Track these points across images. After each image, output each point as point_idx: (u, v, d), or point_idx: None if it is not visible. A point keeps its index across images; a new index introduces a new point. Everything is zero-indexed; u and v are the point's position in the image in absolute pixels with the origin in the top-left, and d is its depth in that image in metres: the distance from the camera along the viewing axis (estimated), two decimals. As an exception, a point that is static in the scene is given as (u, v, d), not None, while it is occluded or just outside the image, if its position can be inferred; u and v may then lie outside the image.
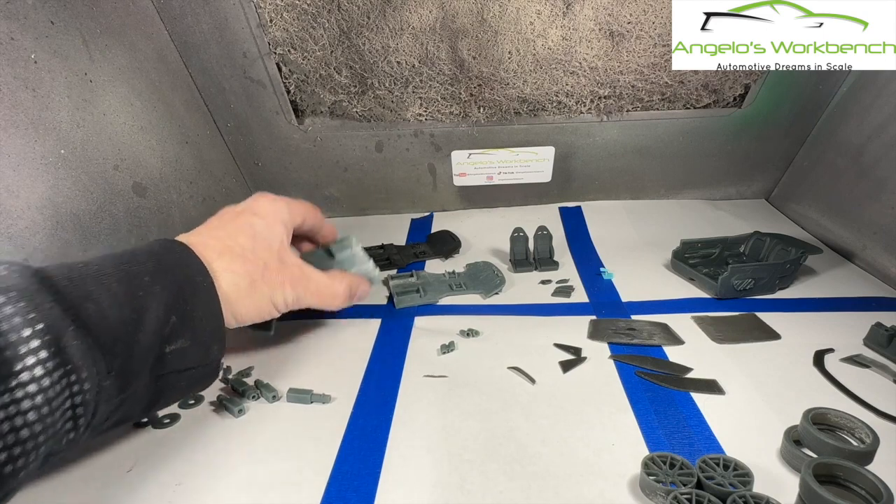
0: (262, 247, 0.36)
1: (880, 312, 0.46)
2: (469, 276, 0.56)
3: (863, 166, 0.58)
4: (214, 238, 0.35)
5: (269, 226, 0.37)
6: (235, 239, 0.35)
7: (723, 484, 0.29)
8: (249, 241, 0.36)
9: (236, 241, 0.35)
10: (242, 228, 0.36)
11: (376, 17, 0.56)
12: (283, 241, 0.38)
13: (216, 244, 0.34)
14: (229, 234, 0.35)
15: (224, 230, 0.36)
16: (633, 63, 0.59)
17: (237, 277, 0.34)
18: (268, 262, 0.36)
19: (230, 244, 0.35)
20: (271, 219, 0.38)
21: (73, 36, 0.45)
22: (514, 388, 0.39)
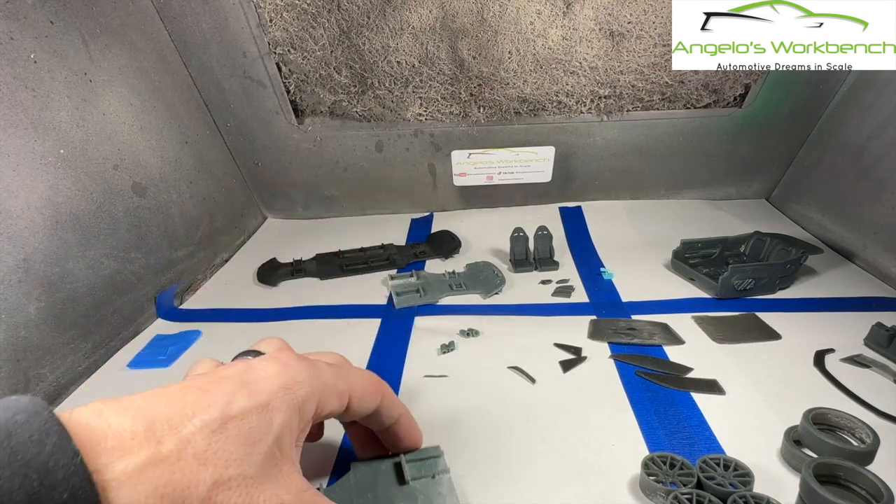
0: (235, 446, 0.19)
1: (881, 312, 0.46)
2: (469, 276, 0.56)
3: (863, 166, 0.58)
4: (145, 414, 0.18)
5: (265, 410, 0.20)
6: (180, 422, 0.18)
7: (723, 484, 0.29)
8: (209, 431, 0.18)
9: (180, 426, 0.18)
10: (211, 405, 0.19)
11: (376, 17, 0.56)
12: (284, 441, 0.21)
13: (140, 427, 0.17)
14: (176, 412, 0.18)
15: (175, 402, 0.19)
16: (634, 63, 0.59)
17: (149, 487, 0.17)
18: (232, 477, 0.18)
19: (163, 431, 0.18)
20: (276, 397, 0.21)
21: (73, 36, 0.45)
22: (515, 388, 0.39)
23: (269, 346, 0.25)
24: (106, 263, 0.47)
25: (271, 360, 0.22)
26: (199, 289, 0.58)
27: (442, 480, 0.29)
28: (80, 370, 0.43)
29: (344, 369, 0.25)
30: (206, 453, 0.18)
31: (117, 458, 0.16)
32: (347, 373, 0.25)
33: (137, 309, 0.50)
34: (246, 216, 0.71)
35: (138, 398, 0.19)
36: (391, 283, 0.54)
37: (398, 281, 0.54)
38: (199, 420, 0.18)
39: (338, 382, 0.24)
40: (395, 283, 0.54)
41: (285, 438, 0.21)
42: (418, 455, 0.31)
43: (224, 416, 0.19)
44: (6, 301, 0.38)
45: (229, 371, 0.21)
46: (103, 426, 0.17)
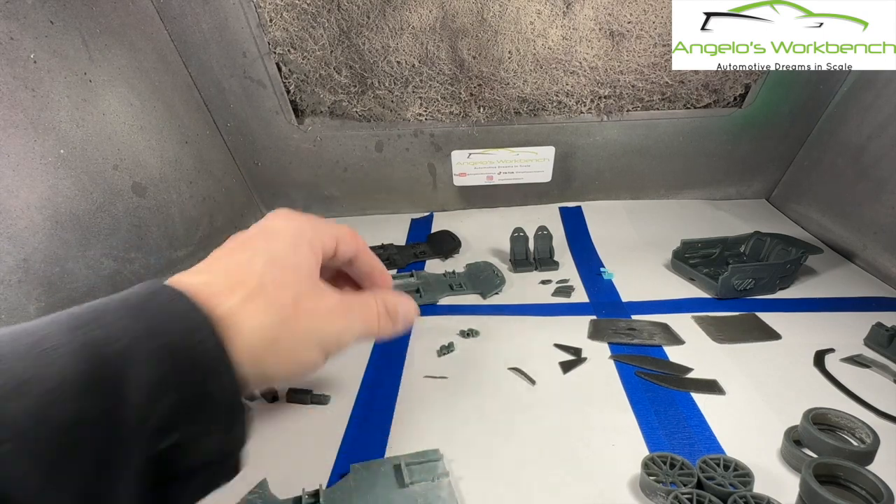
0: (288, 272, 0.26)
1: (881, 312, 0.46)
2: (469, 276, 0.56)
3: (863, 166, 0.58)
4: (219, 272, 0.25)
5: (291, 247, 0.27)
6: (249, 267, 0.25)
7: (723, 484, 0.29)
8: (268, 266, 0.25)
9: (251, 270, 0.25)
10: (257, 252, 0.26)
11: (376, 17, 0.55)
12: (313, 266, 0.28)
13: (223, 280, 0.24)
14: (239, 263, 0.25)
15: (232, 259, 0.26)
16: (634, 63, 0.59)
17: (260, 318, 0.24)
18: (300, 291, 0.26)
19: (243, 276, 0.24)
20: (293, 239, 0.27)
21: (73, 36, 0.45)
22: (515, 389, 0.39)
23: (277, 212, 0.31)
24: (106, 263, 0.46)
25: (279, 217, 0.29)
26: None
27: (441, 484, 0.30)
28: (80, 370, 0.43)
29: (324, 220, 0.31)
30: (278, 280, 0.25)
31: (224, 300, 0.23)
32: (331, 226, 0.31)
33: (137, 309, 0.50)
34: (246, 216, 0.71)
35: (210, 263, 0.26)
36: None
37: (398, 281, 0.54)
38: (260, 262, 0.25)
39: (326, 228, 0.30)
40: (394, 284, 0.53)
41: (312, 264, 0.28)
42: (418, 458, 0.31)
43: (273, 257, 0.26)
44: (6, 301, 0.38)
45: (252, 230, 0.28)
46: (204, 287, 0.23)
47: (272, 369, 0.25)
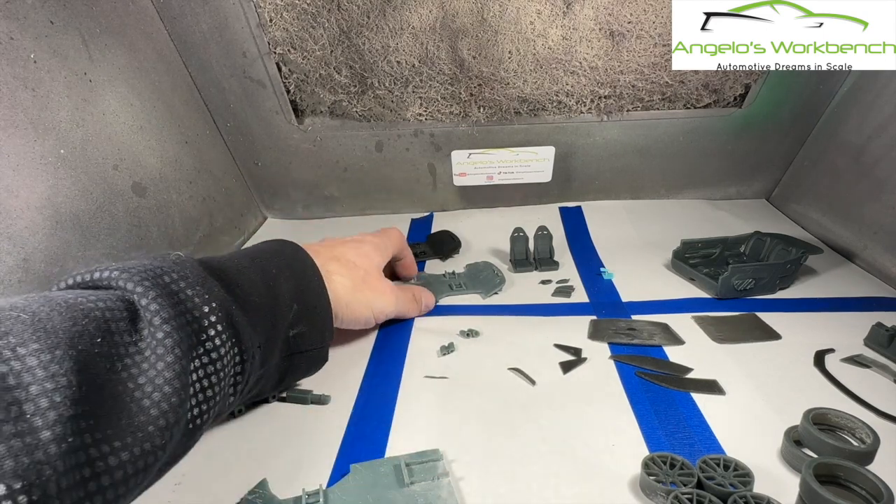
0: (364, 261, 0.43)
1: (881, 312, 0.46)
2: (469, 276, 0.56)
3: (863, 166, 0.58)
4: (324, 247, 0.42)
5: (370, 250, 0.45)
6: (342, 251, 0.42)
7: (723, 484, 0.29)
8: (353, 254, 0.42)
9: (342, 253, 0.42)
10: (348, 246, 0.44)
11: (376, 17, 0.56)
12: (380, 264, 0.45)
13: (325, 252, 0.41)
14: (335, 247, 0.43)
15: (331, 245, 0.43)
16: (634, 63, 0.59)
17: (343, 279, 0.40)
18: (369, 271, 0.43)
19: (336, 254, 0.41)
20: (373, 246, 0.45)
21: (73, 36, 0.45)
22: (515, 390, 0.39)
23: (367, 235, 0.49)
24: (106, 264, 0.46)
25: (366, 235, 0.48)
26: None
27: (441, 484, 0.30)
28: (80, 370, 0.43)
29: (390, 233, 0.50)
30: (358, 263, 0.42)
31: (325, 262, 0.39)
32: (391, 236, 0.50)
33: (137, 309, 0.50)
34: (246, 216, 0.71)
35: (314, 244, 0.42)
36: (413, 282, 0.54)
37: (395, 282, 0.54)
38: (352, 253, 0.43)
39: (393, 243, 0.49)
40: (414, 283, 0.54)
41: (380, 264, 0.45)
42: (418, 458, 0.31)
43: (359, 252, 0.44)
44: (6, 301, 0.38)
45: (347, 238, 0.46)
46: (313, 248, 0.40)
47: (342, 312, 0.40)
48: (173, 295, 0.26)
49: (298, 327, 0.35)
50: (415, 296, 0.48)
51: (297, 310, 0.34)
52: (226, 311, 0.28)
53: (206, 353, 0.26)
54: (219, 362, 0.27)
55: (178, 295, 0.27)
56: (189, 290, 0.27)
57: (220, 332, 0.27)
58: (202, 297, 0.27)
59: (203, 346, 0.26)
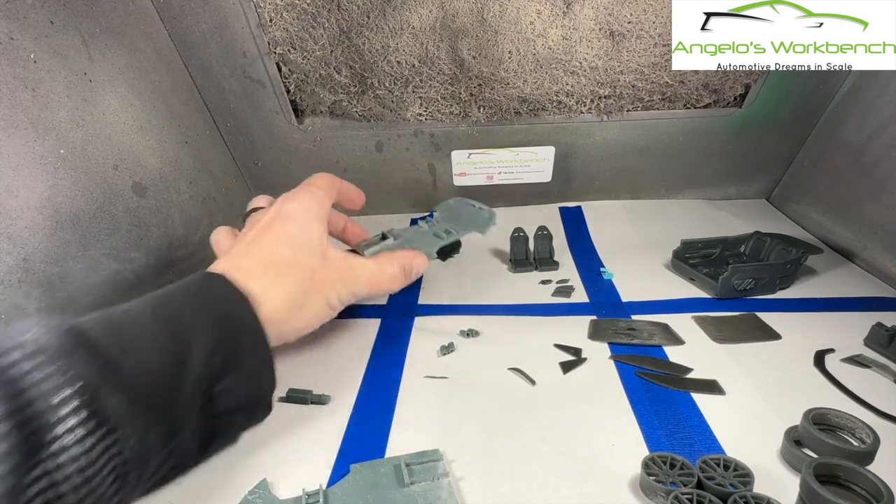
0: (304, 253, 0.34)
1: (881, 312, 0.46)
2: (449, 219, 0.49)
3: (863, 166, 0.58)
4: (251, 257, 0.33)
5: (304, 228, 0.35)
6: (274, 252, 0.33)
7: (723, 484, 0.29)
8: (289, 250, 0.34)
9: (275, 254, 0.33)
10: (278, 238, 0.34)
11: (376, 17, 0.56)
12: (322, 239, 0.36)
13: (254, 263, 0.33)
14: (265, 247, 0.34)
15: (259, 244, 0.34)
16: (634, 63, 0.59)
17: (285, 293, 0.32)
18: (313, 267, 0.34)
19: (269, 259, 0.33)
20: (305, 218, 0.36)
21: (73, 36, 0.45)
22: (515, 390, 0.39)
23: (264, 202, 0.43)
24: (106, 263, 0.46)
25: (290, 200, 0.38)
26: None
27: (441, 484, 0.30)
28: (80, 370, 0.43)
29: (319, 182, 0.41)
30: (298, 260, 0.34)
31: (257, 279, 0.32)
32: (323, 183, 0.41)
33: (137, 309, 0.50)
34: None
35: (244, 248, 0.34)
36: (365, 252, 0.42)
37: (373, 248, 0.43)
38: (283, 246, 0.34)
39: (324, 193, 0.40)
40: (368, 251, 0.42)
41: (322, 237, 0.36)
42: (418, 458, 0.31)
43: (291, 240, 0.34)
44: (6, 301, 0.38)
45: (270, 214, 0.36)
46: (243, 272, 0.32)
47: (297, 326, 0.34)
48: (11, 383, 0.21)
49: (224, 382, 0.29)
50: (402, 266, 0.40)
51: (219, 362, 0.28)
52: (92, 393, 0.23)
53: (54, 456, 0.21)
54: (82, 458, 0.21)
55: (19, 382, 0.21)
56: (37, 373, 0.22)
57: (80, 423, 0.22)
58: (55, 382, 0.22)
59: (48, 449, 0.21)
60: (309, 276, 0.34)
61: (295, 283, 0.33)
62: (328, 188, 0.40)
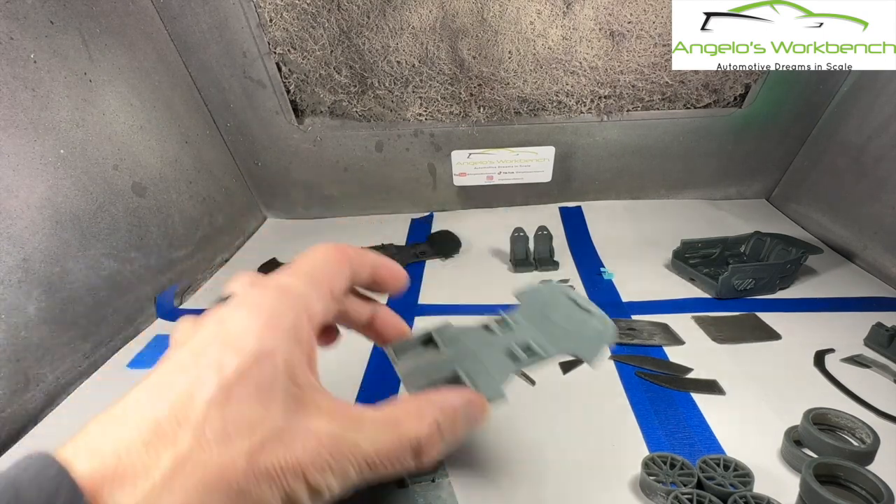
0: (251, 403, 0.18)
1: (881, 312, 0.46)
2: (536, 320, 0.30)
3: (863, 166, 0.58)
4: (141, 424, 0.17)
5: (257, 355, 0.18)
6: (187, 408, 0.17)
7: (723, 484, 0.29)
8: (216, 404, 0.17)
9: (187, 415, 0.17)
10: (204, 377, 0.18)
11: (376, 17, 0.55)
12: (297, 372, 0.19)
13: (141, 441, 0.16)
14: (175, 400, 0.17)
15: (166, 392, 0.18)
16: (634, 63, 0.59)
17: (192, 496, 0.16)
18: (266, 433, 0.17)
19: (172, 428, 0.17)
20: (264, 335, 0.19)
21: (73, 36, 0.45)
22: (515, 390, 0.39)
23: (237, 285, 0.23)
24: (106, 263, 0.46)
25: (239, 306, 0.20)
26: (199, 289, 0.58)
27: (442, 484, 0.30)
28: (80, 370, 0.43)
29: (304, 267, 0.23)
30: (227, 429, 0.17)
31: (141, 479, 0.16)
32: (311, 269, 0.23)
33: (137, 309, 0.50)
34: (246, 216, 0.71)
35: (130, 402, 0.18)
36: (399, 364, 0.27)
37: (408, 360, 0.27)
38: (201, 400, 0.17)
39: (311, 286, 0.22)
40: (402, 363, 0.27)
41: (296, 371, 0.19)
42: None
43: (224, 384, 0.17)
44: (6, 301, 0.38)
45: (204, 335, 0.19)
46: (114, 450, 0.16)
47: None
48: None
49: None
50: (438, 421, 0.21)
51: None
52: None
53: None
54: None
55: None
56: None
57: None
58: None
59: None
60: (245, 457, 0.17)
61: (210, 478, 0.16)
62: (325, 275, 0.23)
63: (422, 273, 0.58)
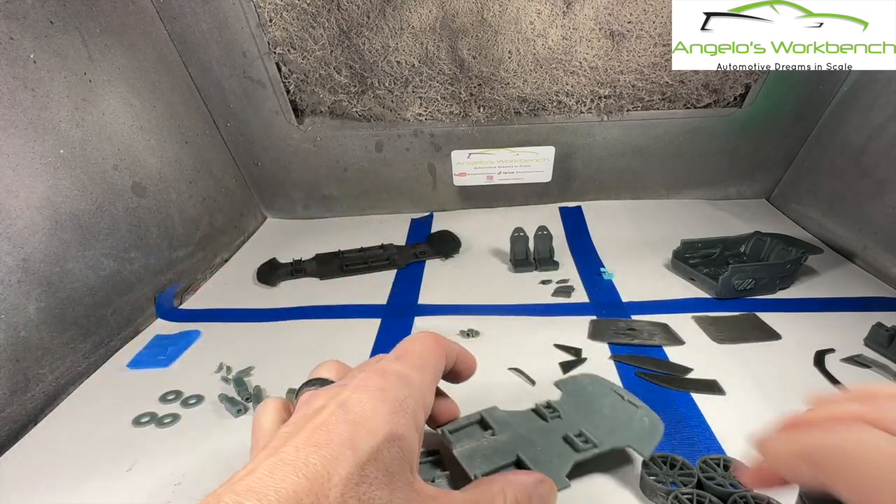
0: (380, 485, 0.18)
1: (881, 312, 0.46)
2: (581, 409, 0.32)
3: (863, 166, 0.58)
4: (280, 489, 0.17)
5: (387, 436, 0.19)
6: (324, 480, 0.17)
7: (723, 484, 0.29)
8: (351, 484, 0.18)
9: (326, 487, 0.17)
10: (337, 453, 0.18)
11: (376, 17, 0.55)
12: (413, 457, 0.20)
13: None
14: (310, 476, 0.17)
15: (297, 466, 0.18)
16: (634, 63, 0.59)
17: None
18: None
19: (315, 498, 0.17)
20: (390, 419, 0.20)
21: (73, 36, 0.45)
22: (515, 390, 0.39)
23: (331, 371, 0.26)
24: (106, 263, 0.47)
25: (362, 389, 0.21)
26: (199, 289, 0.58)
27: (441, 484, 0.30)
28: (80, 370, 0.43)
29: (415, 358, 0.24)
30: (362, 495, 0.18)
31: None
32: (421, 361, 0.24)
33: (137, 309, 0.50)
34: (246, 216, 0.71)
35: (265, 475, 0.17)
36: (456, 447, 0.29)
37: (464, 441, 0.29)
38: (339, 478, 0.17)
39: (424, 376, 0.23)
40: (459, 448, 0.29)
41: (413, 458, 0.20)
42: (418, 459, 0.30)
43: (359, 464, 0.18)
44: (6, 301, 0.38)
45: (327, 415, 0.20)
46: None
47: None
48: None
49: None
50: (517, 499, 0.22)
51: None
52: None
53: None
54: None
55: None
56: None
57: None
58: None
59: None
60: None
61: None
62: (431, 366, 0.24)
63: (422, 273, 0.58)
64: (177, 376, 0.43)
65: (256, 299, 0.55)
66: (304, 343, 0.46)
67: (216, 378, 0.42)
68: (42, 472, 0.34)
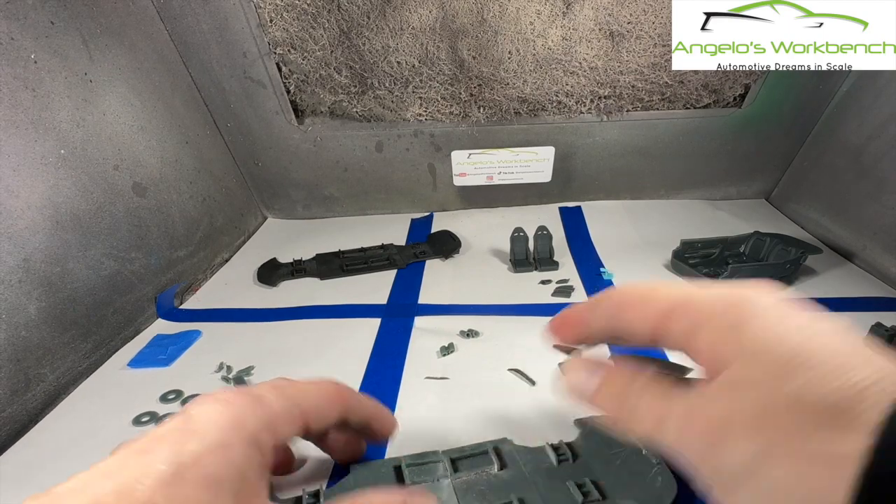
0: (198, 491, 0.18)
1: (881, 312, 0.46)
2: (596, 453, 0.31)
3: (863, 166, 0.58)
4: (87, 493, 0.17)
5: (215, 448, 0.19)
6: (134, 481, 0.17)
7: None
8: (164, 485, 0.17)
9: (134, 487, 0.17)
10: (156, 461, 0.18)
11: (376, 17, 0.56)
12: (248, 476, 0.20)
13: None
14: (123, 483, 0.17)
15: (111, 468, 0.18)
16: (633, 63, 0.59)
17: None
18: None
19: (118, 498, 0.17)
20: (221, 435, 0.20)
21: (73, 36, 0.45)
22: (515, 390, 0.39)
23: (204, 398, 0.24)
24: (106, 263, 0.47)
25: (210, 400, 0.21)
26: (200, 289, 0.58)
27: (442, 485, 0.30)
28: (81, 370, 0.43)
29: (289, 390, 0.24)
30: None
31: None
32: (295, 393, 0.24)
33: (137, 309, 0.50)
34: (246, 216, 0.71)
35: (78, 482, 0.18)
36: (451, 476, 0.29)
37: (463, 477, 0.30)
38: (151, 480, 0.17)
39: (287, 406, 0.23)
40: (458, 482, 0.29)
41: (249, 474, 0.20)
42: (418, 459, 0.31)
43: (177, 466, 0.18)
44: (6, 301, 0.38)
45: (169, 425, 0.20)
46: None
47: None
48: None
49: None
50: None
51: None
52: None
53: None
54: None
55: None
56: None
57: None
58: None
59: None
60: None
61: None
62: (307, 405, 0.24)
63: (422, 273, 0.58)
64: (177, 376, 0.43)
65: (257, 299, 0.55)
66: (305, 343, 0.46)
67: (216, 378, 0.42)
68: (42, 472, 0.34)
